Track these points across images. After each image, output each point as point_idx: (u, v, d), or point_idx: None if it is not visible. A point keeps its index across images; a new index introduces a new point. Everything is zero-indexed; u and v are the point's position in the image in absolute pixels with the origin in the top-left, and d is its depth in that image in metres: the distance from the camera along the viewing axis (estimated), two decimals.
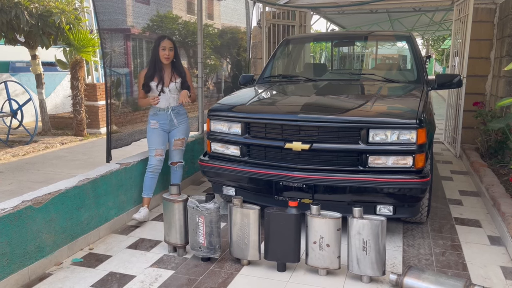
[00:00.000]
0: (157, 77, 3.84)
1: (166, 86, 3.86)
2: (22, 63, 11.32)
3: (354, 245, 2.72)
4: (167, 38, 3.84)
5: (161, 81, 3.84)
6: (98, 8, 3.97)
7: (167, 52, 3.81)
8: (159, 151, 3.89)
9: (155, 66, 3.85)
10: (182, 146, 4.08)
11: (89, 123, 8.83)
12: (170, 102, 3.91)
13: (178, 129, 4.01)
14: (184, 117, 4.06)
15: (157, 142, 3.89)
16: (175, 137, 4.00)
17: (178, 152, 4.08)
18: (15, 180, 5.46)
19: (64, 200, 3.11)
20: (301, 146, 3.21)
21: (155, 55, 3.84)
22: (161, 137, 3.92)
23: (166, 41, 3.81)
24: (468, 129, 6.36)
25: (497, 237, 3.46)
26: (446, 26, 14.46)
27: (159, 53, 3.81)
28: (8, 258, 2.65)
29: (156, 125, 3.91)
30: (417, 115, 3.09)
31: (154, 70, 3.85)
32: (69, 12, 7.94)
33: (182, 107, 4.05)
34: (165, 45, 3.80)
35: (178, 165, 4.11)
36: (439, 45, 28.56)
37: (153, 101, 3.78)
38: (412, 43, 4.62)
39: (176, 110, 3.96)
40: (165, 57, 3.82)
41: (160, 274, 2.89)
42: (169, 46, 3.82)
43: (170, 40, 3.85)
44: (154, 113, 3.93)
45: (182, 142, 4.07)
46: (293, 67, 5.44)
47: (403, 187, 3.08)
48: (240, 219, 2.91)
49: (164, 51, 3.81)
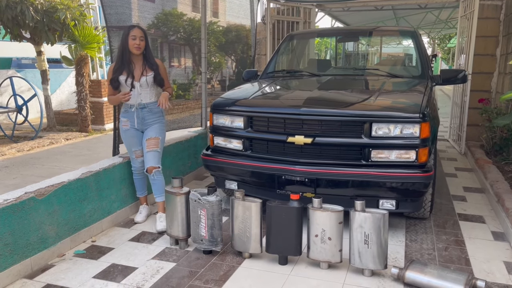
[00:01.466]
0: (126, 71, 3.48)
1: (137, 81, 3.50)
2: (27, 59, 11.39)
3: (356, 239, 2.71)
4: (137, 27, 3.50)
5: (130, 75, 3.48)
6: (105, 1, 3.97)
7: (138, 42, 3.44)
8: (138, 153, 3.64)
9: (123, 58, 3.48)
10: (156, 147, 3.58)
11: (93, 119, 8.86)
12: (141, 98, 3.55)
13: (151, 127, 3.61)
14: (159, 115, 3.66)
15: (133, 143, 3.63)
16: (147, 136, 3.58)
17: (152, 155, 3.55)
18: (20, 174, 5.50)
19: (67, 192, 3.12)
20: (304, 140, 3.20)
21: (123, 46, 3.47)
22: (136, 138, 3.62)
23: (137, 30, 3.46)
24: (473, 127, 6.32)
25: (501, 232, 3.43)
26: (452, 24, 14.37)
27: (129, 42, 3.44)
28: (10, 249, 2.66)
29: (127, 124, 3.60)
30: (420, 109, 3.07)
31: (123, 63, 3.48)
32: (74, 8, 7.98)
33: (156, 105, 3.63)
34: (135, 33, 3.44)
35: (155, 172, 3.54)
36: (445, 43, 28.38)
37: (124, 97, 3.43)
38: (417, 39, 4.59)
39: (149, 108, 3.58)
40: (135, 46, 3.43)
41: (162, 266, 2.89)
42: (139, 35, 3.45)
43: (140, 29, 3.50)
44: (125, 110, 3.62)
45: (156, 142, 3.58)
46: (297, 62, 5.42)
47: (406, 181, 3.06)
48: (242, 212, 2.91)
49: (134, 40, 3.43)
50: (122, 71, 3.49)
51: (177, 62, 7.99)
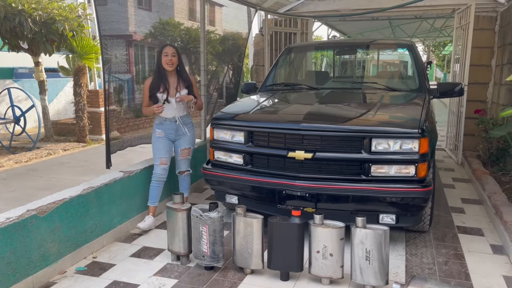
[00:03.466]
0: (162, 87, 3.81)
1: (172, 97, 3.83)
2: (25, 69, 11.37)
3: (357, 255, 2.72)
4: (169, 45, 3.83)
5: (165, 90, 3.81)
6: (100, 17, 3.99)
7: (170, 57, 3.77)
8: (163, 160, 3.89)
9: (159, 75, 3.82)
10: (188, 156, 4.08)
11: (91, 129, 8.87)
12: (176, 112, 3.89)
13: (184, 138, 4.00)
14: (190, 126, 4.05)
15: (162, 151, 3.89)
16: (181, 146, 4.00)
17: (185, 162, 4.09)
18: (18, 186, 5.48)
19: (69, 209, 3.12)
20: (304, 155, 3.22)
21: (158, 63, 3.82)
22: (166, 146, 3.92)
23: (168, 47, 3.79)
24: (470, 136, 6.37)
25: (500, 246, 3.46)
26: (447, 32, 14.49)
27: (162, 59, 3.79)
28: (13, 267, 2.66)
29: (161, 134, 3.90)
30: (419, 124, 3.10)
31: (159, 79, 3.82)
32: (72, 19, 8.01)
33: (188, 117, 4.04)
34: (167, 51, 3.77)
35: (186, 174, 4.14)
36: (440, 51, 28.60)
37: (157, 109, 3.77)
38: (414, 51, 4.65)
39: (182, 120, 3.95)
40: (167, 62, 3.77)
41: (164, 283, 2.89)
42: (171, 52, 3.78)
43: (172, 46, 3.83)
44: (160, 122, 3.92)
45: (188, 152, 4.06)
46: (295, 75, 5.46)
47: (405, 196, 3.09)
48: (243, 228, 2.92)
49: (166, 56, 3.77)
50: (159, 87, 3.81)
51: None
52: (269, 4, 6.91)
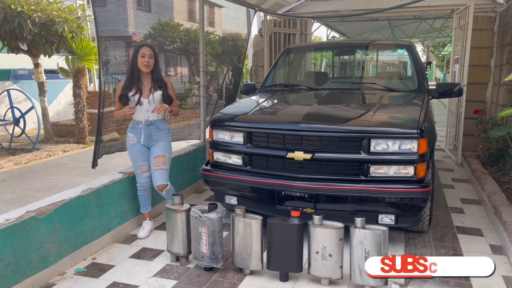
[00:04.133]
0: (135, 87, 3.54)
1: (145, 98, 3.55)
2: (24, 71, 11.38)
3: (356, 255, 2.73)
4: (146, 45, 3.57)
5: (138, 91, 3.54)
6: (99, 19, 3.98)
7: (147, 59, 3.50)
8: (143, 168, 3.66)
9: (133, 76, 3.55)
10: (164, 165, 3.64)
11: (91, 130, 8.86)
12: (149, 115, 3.59)
13: (157, 145, 3.65)
14: (165, 132, 3.71)
15: (139, 158, 3.64)
16: (154, 154, 3.63)
17: (161, 173, 3.62)
18: (18, 188, 5.49)
19: (68, 210, 3.12)
20: (303, 155, 3.23)
21: (133, 63, 3.54)
22: (142, 153, 3.65)
23: (146, 48, 3.52)
24: (469, 137, 6.37)
25: (499, 246, 3.46)
26: (446, 33, 14.52)
27: (138, 60, 3.51)
28: (12, 269, 2.66)
29: (133, 139, 3.63)
30: (418, 125, 3.11)
31: (132, 80, 3.55)
32: (72, 21, 8.01)
33: (164, 122, 3.69)
34: (144, 51, 3.50)
35: (165, 190, 3.66)
36: (439, 51, 28.64)
37: (129, 110, 3.49)
38: (413, 52, 4.65)
39: (156, 125, 3.63)
40: (144, 64, 3.51)
41: (163, 284, 2.89)
42: (148, 53, 3.51)
43: (150, 47, 3.56)
44: (132, 126, 3.66)
45: (163, 160, 3.63)
46: (295, 75, 5.47)
47: (404, 197, 3.10)
48: (242, 229, 2.92)
49: (143, 58, 3.50)
50: (132, 88, 3.54)
51: (174, 72, 8.03)
52: (268, 5, 6.91)
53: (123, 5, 4.51)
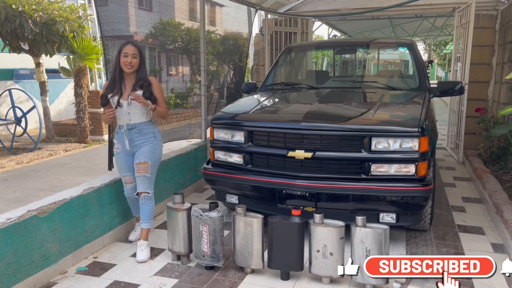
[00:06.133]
0: (116, 88, 3.27)
1: (125, 99, 3.26)
2: (26, 70, 11.40)
3: (357, 254, 2.72)
4: (131, 43, 3.27)
5: (118, 93, 3.26)
6: (101, 18, 3.99)
7: (129, 59, 3.21)
8: (127, 178, 3.43)
9: (115, 76, 3.29)
10: (146, 172, 3.31)
11: (92, 130, 8.88)
12: (130, 117, 3.29)
13: (140, 151, 3.34)
14: (150, 136, 3.36)
15: (122, 168, 3.42)
16: (136, 160, 3.33)
17: (142, 180, 3.32)
18: (20, 187, 5.50)
19: (69, 209, 3.13)
20: (304, 154, 3.22)
21: (115, 63, 3.29)
22: (125, 163, 3.40)
23: (129, 47, 3.23)
24: (471, 135, 6.36)
25: (500, 244, 3.45)
26: (448, 31, 14.49)
27: (120, 60, 3.24)
28: (13, 268, 2.67)
29: (118, 146, 3.39)
30: (419, 123, 3.10)
31: (114, 81, 3.29)
32: (73, 20, 8.02)
33: (148, 125, 3.36)
34: (127, 51, 3.22)
35: (143, 197, 3.34)
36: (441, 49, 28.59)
37: (108, 114, 3.24)
38: (414, 50, 4.64)
39: (138, 128, 3.32)
40: (126, 64, 3.22)
41: (164, 283, 2.90)
42: (132, 52, 3.22)
43: (134, 45, 3.26)
44: (116, 131, 3.41)
45: (145, 167, 3.30)
46: (296, 74, 5.47)
47: (405, 195, 3.09)
48: (243, 228, 2.92)
49: (126, 57, 3.22)
50: (114, 89, 3.29)
51: (175, 71, 8.03)
52: (269, 4, 6.91)
53: (124, 4, 4.51)
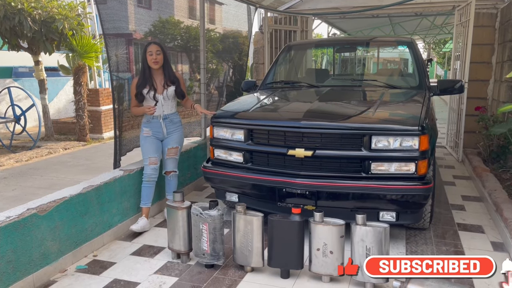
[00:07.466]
0: (148, 85, 3.76)
1: (160, 94, 3.79)
2: (25, 68, 11.38)
3: (357, 252, 2.73)
4: (153, 43, 3.77)
5: (152, 88, 3.76)
6: (103, 16, 3.98)
7: (155, 56, 3.71)
8: (152, 160, 3.81)
9: (145, 74, 3.77)
10: (175, 155, 3.97)
11: (91, 128, 8.87)
12: (164, 109, 3.84)
13: (171, 137, 3.92)
14: (178, 125, 3.99)
15: (151, 150, 3.82)
16: (168, 145, 3.91)
17: (171, 161, 3.96)
18: (19, 185, 5.49)
19: (69, 208, 3.12)
20: (304, 152, 3.22)
21: (143, 62, 3.77)
22: (154, 145, 3.84)
23: (152, 46, 3.73)
24: (470, 134, 6.36)
25: (500, 243, 3.46)
26: (447, 30, 14.47)
27: (147, 58, 3.73)
28: (13, 266, 2.67)
29: (149, 133, 3.84)
30: (419, 121, 3.10)
31: (144, 78, 3.77)
32: (72, 18, 8.00)
33: (176, 115, 3.98)
34: (151, 49, 3.72)
35: (172, 175, 3.99)
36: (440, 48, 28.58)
37: (149, 110, 3.73)
38: (414, 49, 4.63)
39: (170, 118, 3.89)
40: (153, 61, 3.72)
41: (164, 281, 2.90)
42: (155, 50, 3.72)
43: (156, 44, 3.76)
44: (147, 120, 3.87)
45: (175, 151, 3.96)
46: (295, 73, 5.46)
47: (405, 194, 3.09)
48: (243, 226, 2.92)
49: (151, 55, 3.71)
50: (145, 85, 3.75)
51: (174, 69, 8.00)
52: (269, 2, 6.89)
53: (123, 1, 4.49)
